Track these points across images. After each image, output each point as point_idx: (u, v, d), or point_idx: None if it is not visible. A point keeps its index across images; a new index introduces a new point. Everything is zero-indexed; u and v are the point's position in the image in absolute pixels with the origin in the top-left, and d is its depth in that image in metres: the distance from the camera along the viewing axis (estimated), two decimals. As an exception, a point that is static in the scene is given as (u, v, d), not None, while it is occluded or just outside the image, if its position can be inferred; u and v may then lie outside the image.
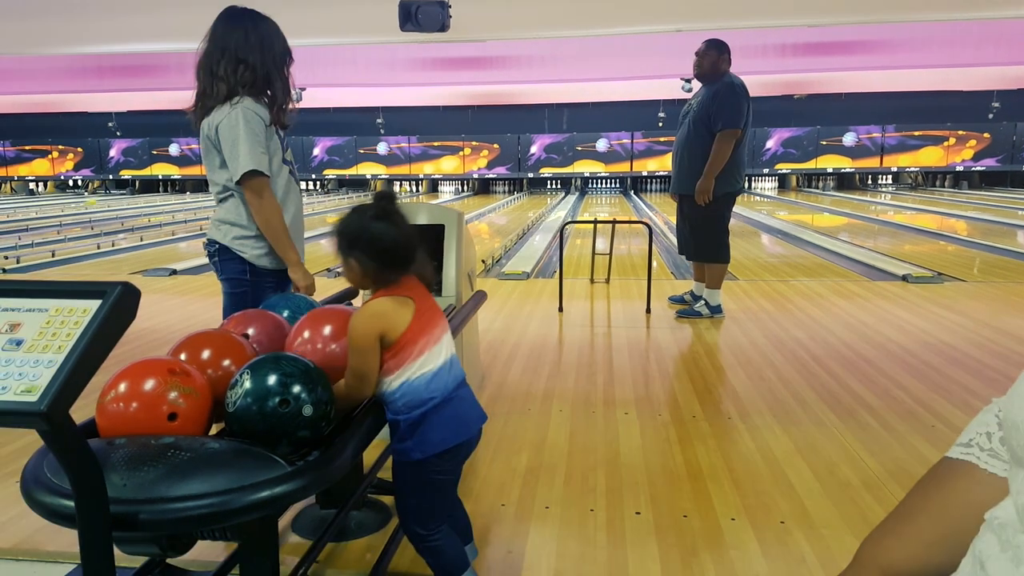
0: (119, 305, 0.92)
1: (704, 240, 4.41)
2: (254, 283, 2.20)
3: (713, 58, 4.28)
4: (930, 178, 18.78)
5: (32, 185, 20.68)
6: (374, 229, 1.36)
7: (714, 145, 4.15)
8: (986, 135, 17.03)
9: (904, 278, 5.62)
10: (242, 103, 2.06)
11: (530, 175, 18.69)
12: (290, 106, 2.23)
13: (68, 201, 16.89)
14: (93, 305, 0.92)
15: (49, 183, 20.79)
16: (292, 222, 2.24)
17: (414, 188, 19.58)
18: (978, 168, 17.44)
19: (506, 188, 19.28)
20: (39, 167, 20.14)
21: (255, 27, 2.13)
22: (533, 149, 18.44)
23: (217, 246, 2.19)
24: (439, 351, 1.41)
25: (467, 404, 1.46)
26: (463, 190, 19.47)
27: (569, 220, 9.53)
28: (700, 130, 4.23)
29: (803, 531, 1.91)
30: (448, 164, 18.85)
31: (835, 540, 1.86)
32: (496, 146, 18.52)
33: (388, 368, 1.36)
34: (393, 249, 1.37)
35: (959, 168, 17.55)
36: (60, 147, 19.84)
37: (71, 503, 0.96)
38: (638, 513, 2.01)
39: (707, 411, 2.82)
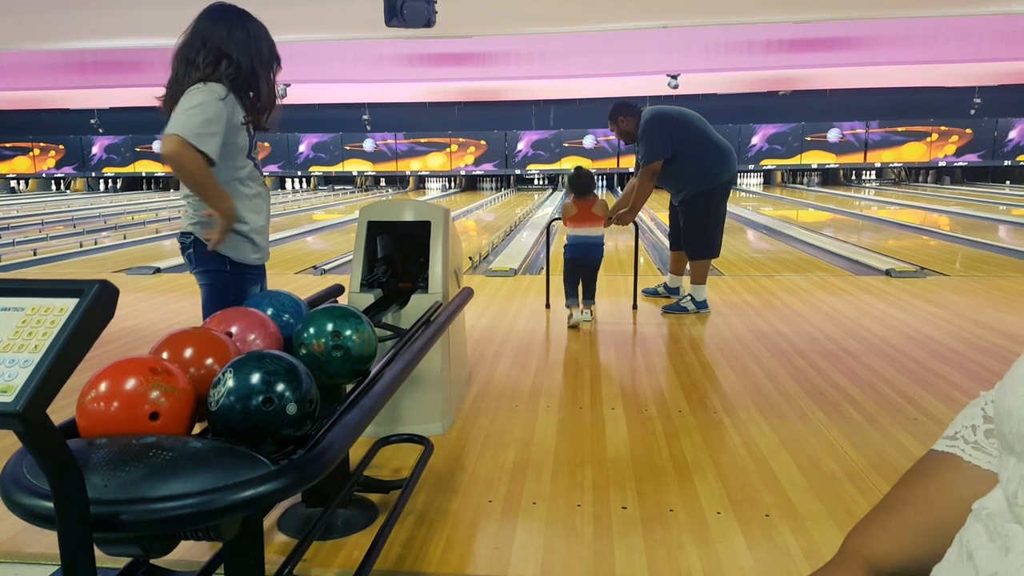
0: (96, 304, 0.91)
1: (693, 236, 4.44)
2: (235, 275, 2.16)
3: (618, 126, 4.40)
4: (913, 173, 18.96)
5: (13, 183, 20.41)
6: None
7: (636, 183, 4.39)
8: (968, 131, 17.22)
9: (887, 273, 5.67)
10: (211, 86, 2.01)
11: (517, 171, 18.68)
12: (274, 111, 2.19)
13: (50, 199, 16.69)
14: (70, 304, 0.90)
15: (31, 181, 20.53)
16: (262, 216, 2.21)
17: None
18: (960, 163, 17.64)
19: (493, 185, 19.27)
20: (20, 164, 19.88)
21: (241, 24, 2.10)
22: (520, 145, 18.43)
23: (192, 238, 2.13)
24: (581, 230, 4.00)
25: (583, 248, 4.04)
26: (450, 187, 19.43)
27: (556, 217, 9.51)
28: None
29: (788, 524, 1.92)
30: (435, 161, 18.81)
31: (819, 532, 1.88)
32: (483, 142, 18.49)
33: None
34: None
35: (941, 163, 17.75)
36: (41, 144, 19.59)
37: (50, 504, 0.95)
38: (625, 508, 2.02)
39: (693, 406, 2.84)
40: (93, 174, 19.79)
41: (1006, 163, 17.36)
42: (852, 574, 0.69)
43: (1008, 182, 17.60)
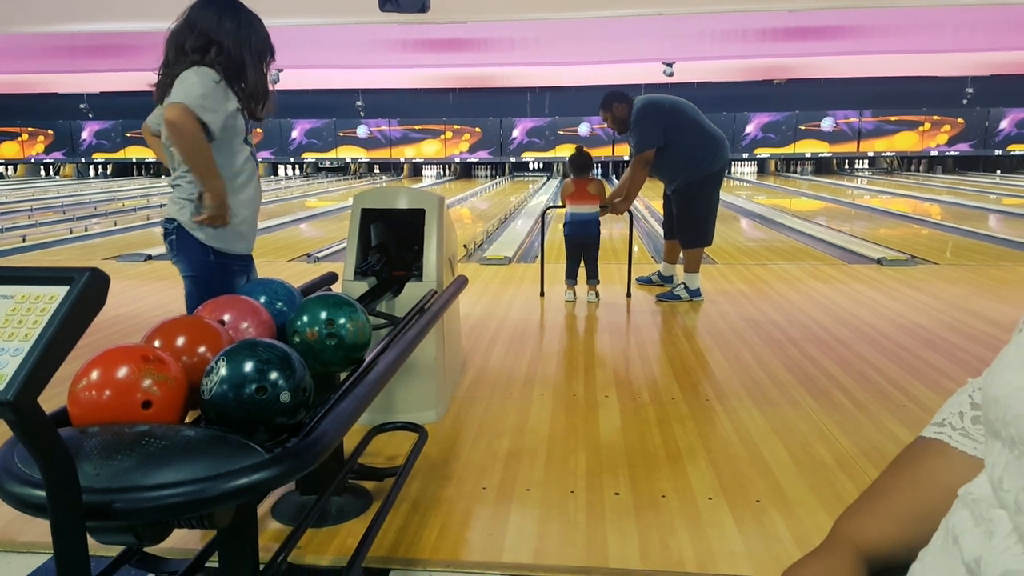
0: (87, 291, 0.90)
1: (686, 224, 4.45)
2: (220, 266, 2.12)
3: (611, 113, 4.37)
4: (905, 163, 19.01)
5: (1, 168, 20.21)
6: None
7: (629, 172, 4.40)
8: (960, 120, 17.26)
9: (879, 261, 5.70)
10: (203, 69, 2.00)
11: (512, 159, 18.61)
12: (267, 104, 2.18)
13: (39, 185, 16.55)
14: (60, 291, 0.90)
15: (19, 166, 20.33)
16: (251, 203, 2.20)
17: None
18: (952, 153, 17.69)
19: (488, 172, 19.20)
20: (8, 150, 19.68)
21: (232, 14, 2.08)
22: (515, 133, 18.36)
23: (175, 224, 2.09)
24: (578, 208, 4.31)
25: (579, 225, 4.32)
26: (445, 174, 19.36)
27: (551, 205, 9.50)
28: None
29: (778, 509, 1.94)
30: (429, 148, 18.72)
31: (809, 518, 1.89)
32: (478, 130, 18.41)
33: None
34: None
35: (934, 153, 17.79)
36: (30, 129, 19.39)
37: (42, 493, 0.95)
38: (617, 494, 2.03)
39: (685, 393, 2.85)
40: (83, 160, 19.61)
41: (997, 153, 17.42)
42: (841, 559, 0.70)
43: (999, 171, 17.67)
